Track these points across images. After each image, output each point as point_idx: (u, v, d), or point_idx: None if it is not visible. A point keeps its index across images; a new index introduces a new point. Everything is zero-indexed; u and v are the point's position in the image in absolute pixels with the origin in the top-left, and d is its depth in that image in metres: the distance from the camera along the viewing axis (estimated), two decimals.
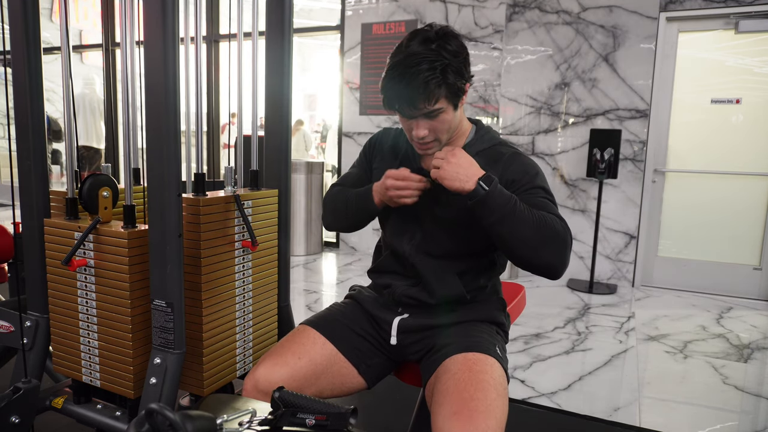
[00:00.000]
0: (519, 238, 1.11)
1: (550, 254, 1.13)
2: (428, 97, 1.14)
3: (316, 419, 0.81)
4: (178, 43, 1.14)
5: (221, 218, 1.32)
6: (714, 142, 3.90)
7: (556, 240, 1.12)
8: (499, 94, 4.27)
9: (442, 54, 1.13)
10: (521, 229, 1.10)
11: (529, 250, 1.12)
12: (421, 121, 1.19)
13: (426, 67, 1.11)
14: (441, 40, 1.15)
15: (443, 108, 1.17)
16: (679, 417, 2.08)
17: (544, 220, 1.12)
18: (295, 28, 1.56)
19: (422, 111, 1.17)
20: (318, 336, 1.30)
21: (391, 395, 2.16)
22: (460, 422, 0.99)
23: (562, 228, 1.14)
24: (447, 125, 1.20)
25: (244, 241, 1.39)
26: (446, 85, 1.14)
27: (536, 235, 1.11)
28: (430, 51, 1.13)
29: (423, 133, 1.20)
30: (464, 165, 1.12)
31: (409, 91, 1.14)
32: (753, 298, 3.81)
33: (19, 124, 1.37)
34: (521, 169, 1.23)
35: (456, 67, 1.14)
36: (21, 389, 1.28)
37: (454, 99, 1.18)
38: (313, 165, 4.81)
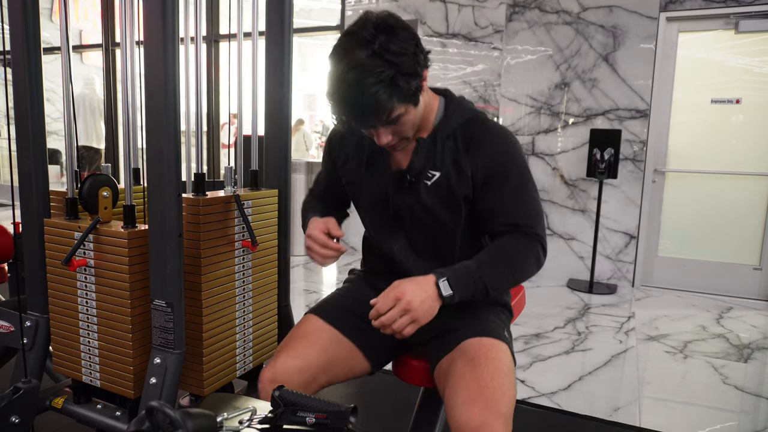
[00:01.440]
0: (500, 290, 1.21)
1: (529, 276, 1.19)
2: (381, 112, 1.04)
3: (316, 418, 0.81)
4: (178, 43, 1.14)
5: (221, 218, 1.32)
6: (714, 142, 3.90)
7: (527, 268, 1.17)
8: (499, 94, 4.27)
9: (387, 59, 1.01)
10: (499, 285, 1.15)
11: (514, 284, 1.19)
12: (381, 130, 1.11)
13: (372, 81, 1.00)
14: (383, 38, 1.02)
15: (401, 113, 1.08)
16: (679, 417, 2.08)
17: (511, 262, 1.15)
18: (295, 28, 1.56)
19: (378, 124, 1.09)
20: (323, 323, 1.28)
21: (391, 395, 2.16)
22: (478, 409, 1.01)
23: (532, 248, 1.16)
24: (410, 124, 1.13)
25: (244, 241, 1.39)
26: (398, 94, 1.03)
27: (514, 279, 1.17)
28: (373, 59, 1.01)
29: (386, 140, 1.12)
30: (423, 294, 1.06)
31: (359, 109, 1.05)
32: (753, 298, 3.81)
33: (19, 124, 1.37)
34: (495, 165, 1.17)
35: (406, 68, 1.03)
36: (21, 389, 1.28)
37: (412, 99, 1.08)
38: (313, 165, 4.81)
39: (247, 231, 1.39)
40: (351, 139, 1.30)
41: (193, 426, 0.68)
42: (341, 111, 1.08)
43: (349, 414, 0.81)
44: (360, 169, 1.28)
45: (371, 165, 1.26)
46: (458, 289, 1.08)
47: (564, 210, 4.17)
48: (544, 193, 4.21)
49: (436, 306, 1.07)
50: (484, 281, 1.10)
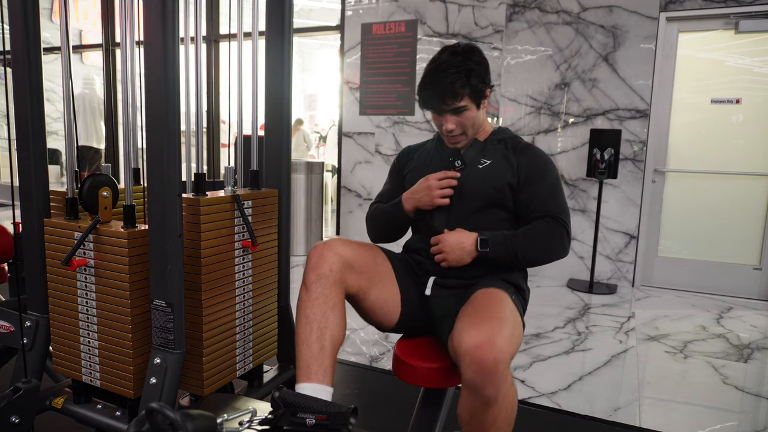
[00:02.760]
0: (528, 261, 1.41)
1: (554, 256, 1.42)
2: (454, 95, 1.39)
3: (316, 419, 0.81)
4: (178, 43, 1.14)
5: (221, 218, 1.32)
6: (714, 142, 3.90)
7: (553, 246, 1.41)
8: (499, 94, 4.27)
9: (467, 62, 1.40)
10: (527, 255, 1.39)
11: (538, 262, 1.42)
12: (449, 117, 1.43)
13: (453, 71, 1.38)
14: (467, 52, 1.43)
15: (467, 105, 1.42)
16: (679, 417, 2.08)
17: (539, 238, 1.40)
18: (295, 28, 1.56)
19: (450, 107, 1.41)
20: (381, 252, 1.47)
21: (391, 395, 2.16)
22: (475, 328, 1.14)
23: (558, 230, 1.41)
24: (471, 121, 1.45)
25: (244, 241, 1.39)
26: (469, 86, 1.39)
27: (540, 253, 1.40)
28: (456, 59, 1.40)
29: (451, 126, 1.44)
30: (459, 245, 1.38)
31: (439, 91, 1.40)
32: (753, 298, 3.81)
33: (19, 124, 1.37)
34: (535, 166, 1.47)
35: (478, 73, 1.41)
36: (21, 389, 1.28)
37: (477, 99, 1.43)
38: (313, 165, 4.81)
39: (247, 231, 1.39)
40: (414, 155, 1.63)
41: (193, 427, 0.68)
42: (426, 91, 1.42)
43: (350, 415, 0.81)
44: (423, 163, 1.57)
45: (433, 156, 1.57)
46: (493, 246, 1.36)
47: None
48: None
49: (466, 256, 1.37)
50: (515, 247, 1.37)
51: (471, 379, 1.09)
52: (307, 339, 1.23)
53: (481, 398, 1.09)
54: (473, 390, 1.10)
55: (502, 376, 1.08)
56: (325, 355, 1.21)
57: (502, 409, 1.11)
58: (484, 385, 1.08)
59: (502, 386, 1.09)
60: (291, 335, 1.62)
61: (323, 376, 1.20)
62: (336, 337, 1.25)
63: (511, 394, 1.13)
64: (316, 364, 1.21)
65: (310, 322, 1.24)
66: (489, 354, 1.07)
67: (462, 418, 1.17)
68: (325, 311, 1.24)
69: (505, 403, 1.11)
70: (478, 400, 1.10)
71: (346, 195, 4.94)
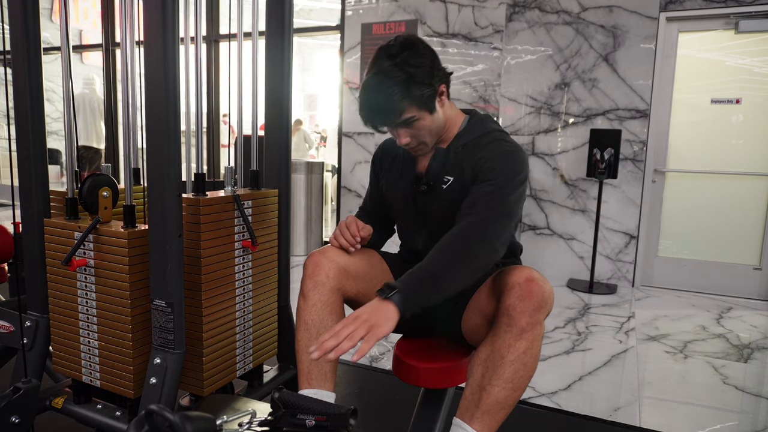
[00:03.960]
0: (462, 281, 1.14)
1: (479, 261, 1.16)
2: (394, 111, 1.23)
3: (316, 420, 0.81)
4: (178, 43, 1.14)
5: (221, 218, 1.32)
6: (714, 142, 3.90)
7: (479, 251, 1.16)
8: (499, 94, 4.27)
9: (404, 69, 1.21)
10: (456, 276, 1.13)
11: (469, 273, 1.15)
12: (399, 131, 1.29)
13: (388, 84, 1.21)
14: (404, 52, 1.22)
15: (415, 116, 1.25)
16: (679, 417, 2.08)
17: (462, 250, 1.14)
18: (295, 28, 1.56)
19: (394, 123, 1.26)
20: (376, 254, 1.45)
21: (391, 395, 2.16)
22: (525, 269, 1.14)
23: (479, 229, 1.17)
24: (426, 130, 1.29)
25: (244, 241, 1.39)
26: (410, 97, 1.22)
27: (468, 265, 1.14)
28: (392, 68, 1.21)
29: (405, 140, 1.30)
30: (371, 315, 1.04)
31: (376, 109, 1.25)
32: (753, 298, 3.81)
33: (19, 124, 1.37)
34: (488, 165, 1.25)
35: (420, 78, 1.22)
36: (21, 389, 1.28)
37: (426, 105, 1.25)
38: (313, 165, 4.81)
39: (247, 231, 1.39)
40: (389, 155, 1.49)
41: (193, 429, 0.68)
42: (364, 109, 1.26)
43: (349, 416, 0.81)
44: (395, 176, 1.45)
45: (402, 172, 1.43)
46: (405, 288, 1.08)
47: (564, 210, 4.17)
48: (544, 193, 4.21)
49: (391, 312, 1.05)
50: (431, 271, 1.11)
51: (512, 304, 1.10)
52: (306, 346, 1.24)
53: (516, 327, 1.10)
54: (509, 317, 1.10)
55: (540, 318, 1.11)
56: (324, 361, 1.22)
57: (528, 350, 1.11)
58: (524, 312, 1.09)
59: (537, 326, 1.10)
60: (291, 335, 1.62)
61: (323, 381, 1.22)
62: None
63: (537, 345, 1.13)
64: (316, 370, 1.23)
65: (308, 328, 1.25)
66: (538, 289, 1.10)
67: (479, 357, 1.15)
68: (323, 317, 1.25)
69: (532, 347, 1.12)
70: (510, 330, 1.10)
71: (346, 195, 4.94)
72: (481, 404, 1.13)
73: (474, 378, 1.16)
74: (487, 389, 1.12)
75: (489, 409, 1.13)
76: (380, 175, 1.52)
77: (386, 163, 1.49)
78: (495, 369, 1.12)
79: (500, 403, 1.12)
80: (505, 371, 1.11)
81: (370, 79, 1.24)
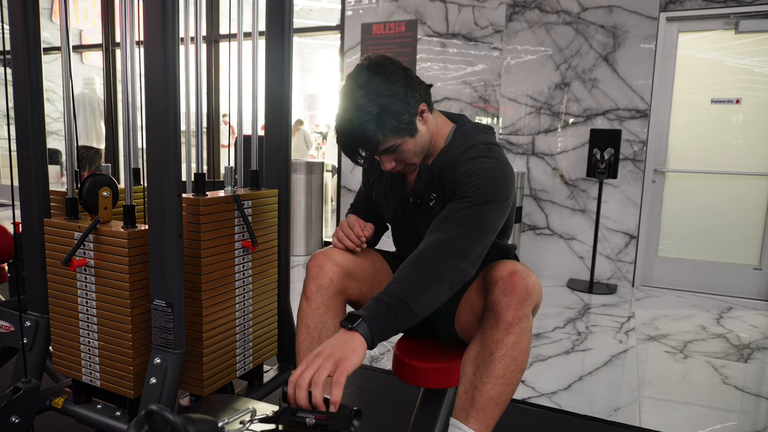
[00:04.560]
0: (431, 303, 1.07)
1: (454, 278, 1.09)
2: (372, 144, 1.18)
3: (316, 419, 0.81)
4: (178, 43, 1.14)
5: (221, 218, 1.32)
6: (714, 142, 3.90)
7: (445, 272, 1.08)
8: (499, 94, 4.27)
9: (375, 101, 1.14)
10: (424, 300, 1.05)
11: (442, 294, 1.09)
12: (383, 158, 1.24)
13: (361, 120, 1.15)
14: (373, 80, 1.15)
15: (396, 144, 1.20)
16: (679, 417, 2.08)
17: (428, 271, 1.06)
18: (295, 28, 1.56)
19: (375, 153, 1.23)
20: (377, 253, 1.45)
21: (391, 395, 2.16)
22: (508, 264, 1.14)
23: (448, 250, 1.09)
24: (411, 152, 1.23)
25: (244, 241, 1.39)
26: (385, 129, 1.16)
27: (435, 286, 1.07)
28: (363, 100, 1.14)
29: (389, 166, 1.25)
30: (336, 349, 0.96)
31: (355, 143, 1.20)
32: (753, 298, 3.81)
33: (19, 124, 1.37)
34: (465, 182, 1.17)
35: (394, 108, 1.15)
36: (21, 389, 1.28)
37: (405, 132, 1.19)
38: (313, 165, 4.81)
39: (247, 231, 1.39)
40: (377, 164, 1.41)
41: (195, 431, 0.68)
42: (341, 142, 1.21)
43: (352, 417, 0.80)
44: (385, 188, 1.42)
45: (392, 185, 1.39)
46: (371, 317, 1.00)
47: (564, 210, 4.17)
48: (544, 193, 4.21)
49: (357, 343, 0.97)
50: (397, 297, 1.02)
51: (497, 299, 1.10)
52: (308, 349, 1.24)
53: (502, 322, 1.10)
54: (495, 313, 1.10)
55: (526, 311, 1.10)
56: None
57: (516, 344, 1.11)
58: (508, 306, 1.09)
59: (523, 319, 1.10)
60: (291, 335, 1.62)
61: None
62: None
63: (526, 338, 1.12)
64: None
65: (311, 331, 1.25)
66: (522, 281, 1.10)
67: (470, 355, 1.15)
68: (325, 321, 1.26)
69: (521, 341, 1.11)
70: (497, 327, 1.10)
71: (346, 195, 4.94)
72: (475, 402, 1.13)
73: (466, 377, 1.16)
74: (480, 387, 1.13)
75: (484, 407, 1.12)
76: (371, 181, 1.48)
77: (376, 172, 1.45)
78: (485, 366, 1.12)
79: (494, 400, 1.12)
80: (495, 368, 1.11)
81: (343, 112, 1.17)
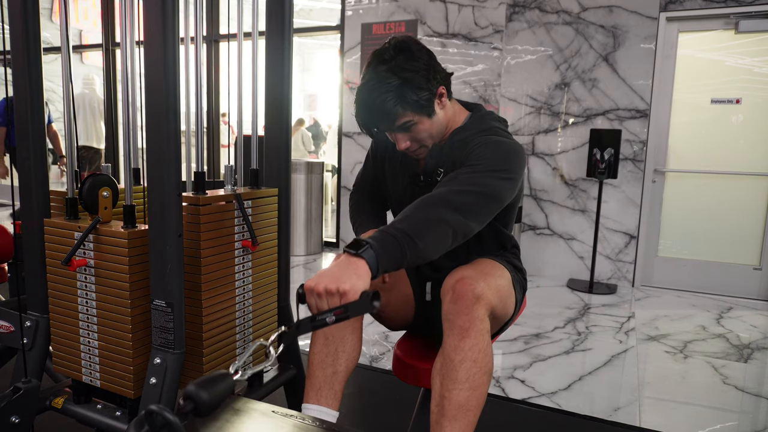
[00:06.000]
0: (437, 245, 1.06)
1: (458, 228, 1.08)
2: (390, 118, 1.22)
3: (336, 315, 0.83)
4: (178, 43, 1.14)
5: (221, 218, 1.32)
6: (714, 142, 3.90)
7: (449, 219, 1.06)
8: (499, 94, 4.27)
9: (399, 74, 1.19)
10: (428, 238, 1.03)
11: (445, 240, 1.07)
12: (398, 135, 1.27)
13: (381, 92, 1.19)
14: (398, 57, 1.20)
15: (413, 120, 1.23)
16: (679, 417, 2.08)
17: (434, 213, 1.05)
18: (295, 28, 1.56)
19: (391, 129, 1.25)
20: None
21: (391, 395, 2.16)
22: (462, 270, 1.16)
23: (452, 201, 1.08)
24: (426, 133, 1.27)
25: (244, 241, 1.39)
26: (404, 103, 1.20)
27: (438, 229, 1.05)
28: (386, 74, 1.19)
29: (404, 145, 1.28)
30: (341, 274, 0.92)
31: (373, 116, 1.23)
32: (753, 298, 3.81)
33: (19, 124, 1.37)
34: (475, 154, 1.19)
35: (416, 83, 1.20)
36: (21, 389, 1.28)
37: (424, 110, 1.23)
38: (313, 165, 4.81)
39: (247, 230, 1.39)
40: (390, 144, 1.44)
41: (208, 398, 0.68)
42: (359, 115, 1.25)
43: (370, 299, 0.84)
44: (394, 168, 1.44)
45: (402, 164, 1.41)
46: (378, 245, 0.98)
47: (564, 210, 4.17)
48: (544, 193, 4.21)
49: (362, 269, 0.93)
50: (403, 230, 1.01)
51: (448, 309, 1.11)
52: (323, 360, 1.26)
53: (456, 330, 1.10)
54: (449, 322, 1.11)
55: (478, 314, 1.10)
56: (337, 380, 1.25)
57: (473, 347, 1.09)
58: (458, 313, 1.09)
59: (476, 322, 1.09)
60: None
61: (332, 400, 1.24)
62: (351, 360, 1.29)
63: (483, 340, 1.10)
64: (327, 387, 1.25)
65: (328, 343, 1.27)
66: (468, 287, 1.10)
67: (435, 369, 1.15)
68: (344, 334, 1.27)
69: (478, 343, 1.10)
70: (452, 334, 1.10)
71: (346, 195, 4.94)
72: (445, 412, 1.10)
73: (435, 390, 1.14)
74: (447, 396, 1.10)
75: (454, 415, 1.09)
76: (379, 162, 1.50)
77: (387, 152, 1.47)
78: (448, 374, 1.11)
79: (463, 406, 1.09)
80: (458, 373, 1.10)
81: (364, 85, 1.22)
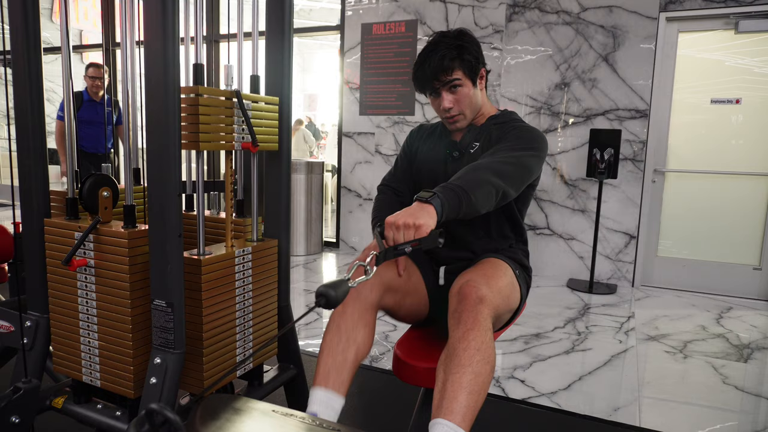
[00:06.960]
0: (484, 201, 1.23)
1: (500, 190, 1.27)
2: (445, 69, 1.41)
3: (412, 246, 1.07)
4: (178, 43, 1.14)
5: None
6: (714, 142, 3.90)
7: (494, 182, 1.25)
8: (499, 94, 4.27)
9: (457, 40, 1.43)
10: (478, 196, 1.20)
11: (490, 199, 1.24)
12: (444, 94, 1.46)
13: (442, 47, 1.41)
14: (457, 33, 1.46)
15: (460, 79, 1.43)
16: (679, 417, 2.08)
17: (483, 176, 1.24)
18: (295, 28, 1.56)
19: (442, 82, 1.43)
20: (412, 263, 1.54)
21: (391, 395, 2.16)
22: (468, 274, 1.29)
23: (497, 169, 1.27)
24: (468, 99, 1.46)
25: (243, 143, 1.35)
26: (461, 59, 1.41)
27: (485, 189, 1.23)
28: (449, 40, 1.43)
29: (448, 104, 1.46)
30: (416, 213, 1.11)
31: (431, 68, 1.42)
32: (753, 298, 3.81)
33: (19, 124, 1.37)
34: (512, 128, 1.45)
35: (470, 50, 1.43)
36: (21, 389, 1.28)
37: (471, 74, 1.44)
38: (313, 165, 4.81)
39: (248, 132, 1.34)
40: (427, 130, 1.67)
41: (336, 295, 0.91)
42: (418, 72, 1.45)
43: (437, 236, 1.07)
44: (429, 146, 1.61)
45: (438, 142, 1.60)
46: (443, 195, 1.16)
47: (564, 210, 4.17)
48: (544, 193, 4.21)
49: (432, 212, 1.12)
50: (461, 187, 1.19)
51: (455, 309, 1.21)
52: (334, 348, 1.28)
53: (461, 325, 1.17)
54: (455, 319, 1.19)
55: (482, 314, 1.18)
56: (346, 368, 1.27)
57: (476, 338, 1.15)
58: (464, 311, 1.19)
59: (480, 319, 1.17)
60: (291, 335, 1.62)
61: (339, 386, 1.25)
62: (361, 352, 1.30)
63: (487, 335, 1.17)
64: (336, 372, 1.25)
65: (341, 332, 1.29)
66: (473, 291, 1.21)
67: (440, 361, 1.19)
68: (357, 327, 1.30)
69: (480, 335, 1.16)
70: (458, 328, 1.18)
71: (346, 195, 4.94)
72: (446, 394, 1.12)
73: (438, 379, 1.16)
74: (450, 378, 1.13)
75: (455, 395, 1.10)
76: (414, 147, 1.66)
77: (424, 134, 1.66)
78: (452, 360, 1.15)
79: (465, 388, 1.11)
80: (461, 359, 1.14)
81: (428, 46, 1.44)
